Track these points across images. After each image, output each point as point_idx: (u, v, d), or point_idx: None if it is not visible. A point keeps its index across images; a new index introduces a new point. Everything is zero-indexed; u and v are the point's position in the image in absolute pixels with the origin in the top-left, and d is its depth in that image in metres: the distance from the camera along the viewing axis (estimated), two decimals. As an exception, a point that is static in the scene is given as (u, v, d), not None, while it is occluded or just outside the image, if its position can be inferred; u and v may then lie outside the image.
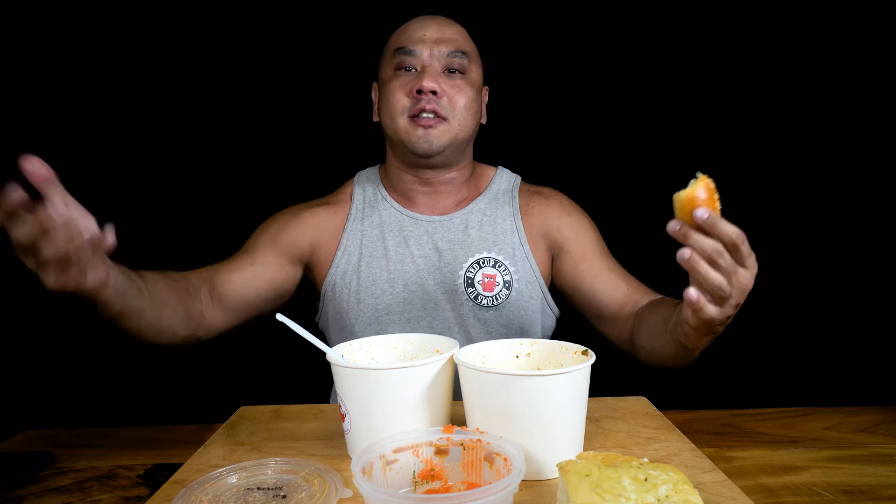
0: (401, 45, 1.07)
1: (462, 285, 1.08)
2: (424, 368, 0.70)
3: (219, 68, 1.59)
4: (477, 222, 1.12)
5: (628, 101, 1.62)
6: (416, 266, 1.09)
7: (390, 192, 1.16)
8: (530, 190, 1.18)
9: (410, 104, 1.05)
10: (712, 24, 1.58)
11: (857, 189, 1.59)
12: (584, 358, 0.72)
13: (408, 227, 1.12)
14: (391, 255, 1.10)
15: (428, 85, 1.03)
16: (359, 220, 1.14)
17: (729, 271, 0.67)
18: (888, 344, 1.56)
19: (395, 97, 1.06)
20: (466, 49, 1.09)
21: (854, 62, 1.55)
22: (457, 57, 1.07)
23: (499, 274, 1.08)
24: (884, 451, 0.83)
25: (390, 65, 1.09)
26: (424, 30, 1.08)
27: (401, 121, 1.06)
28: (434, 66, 1.06)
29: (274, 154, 1.63)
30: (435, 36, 1.07)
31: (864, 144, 1.58)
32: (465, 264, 1.08)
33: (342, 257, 1.11)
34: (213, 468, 0.69)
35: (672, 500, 0.50)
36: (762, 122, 1.61)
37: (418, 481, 0.62)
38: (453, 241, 1.10)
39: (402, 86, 1.06)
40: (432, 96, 1.03)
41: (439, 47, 1.06)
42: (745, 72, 1.59)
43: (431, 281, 1.08)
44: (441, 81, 1.05)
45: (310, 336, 0.76)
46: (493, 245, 1.10)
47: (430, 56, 1.06)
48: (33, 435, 0.95)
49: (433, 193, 1.14)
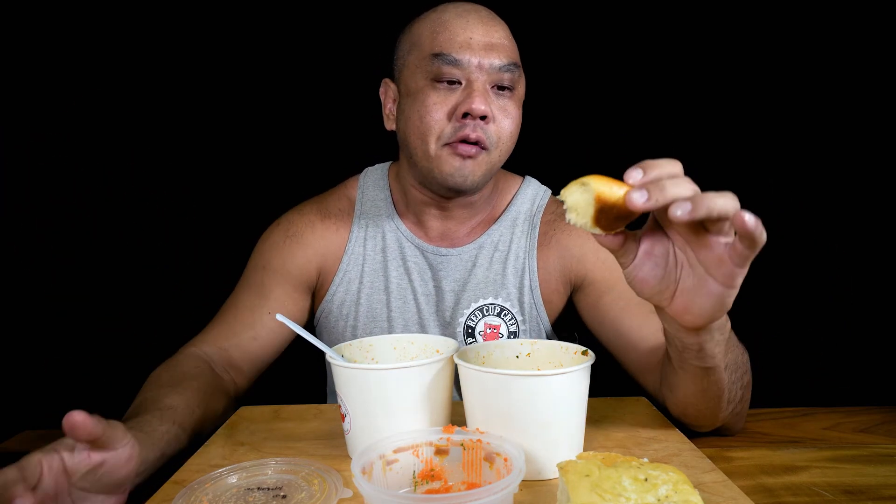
0: (441, 49, 0.88)
1: (461, 335, 0.98)
2: (424, 368, 0.70)
3: (222, 65, 1.58)
4: (487, 259, 1.00)
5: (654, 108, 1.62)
6: (418, 304, 1.00)
7: (398, 207, 1.04)
8: (556, 212, 1.03)
9: (451, 130, 0.87)
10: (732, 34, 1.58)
11: (858, 189, 1.59)
12: (584, 358, 0.72)
13: (411, 258, 1.01)
14: (392, 290, 1.01)
15: (479, 108, 0.85)
16: (360, 241, 1.02)
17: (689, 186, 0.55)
18: (888, 344, 1.56)
19: (431, 117, 0.88)
20: (517, 59, 0.91)
21: (854, 62, 1.55)
22: (508, 71, 0.89)
23: (504, 324, 0.98)
24: (884, 451, 0.82)
25: (423, 71, 0.89)
26: (469, 30, 0.88)
27: (434, 148, 0.89)
28: (482, 81, 0.87)
29: (275, 150, 1.63)
30: (483, 40, 0.88)
31: (864, 144, 1.58)
32: (468, 311, 0.98)
33: (340, 284, 1.02)
34: (213, 468, 0.68)
35: (672, 500, 0.50)
36: (762, 123, 1.60)
37: (418, 481, 0.62)
38: (457, 280, 1.00)
39: (441, 102, 0.88)
40: (480, 122, 0.87)
41: (490, 58, 0.87)
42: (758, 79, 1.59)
43: (432, 323, 1.00)
44: (490, 102, 0.87)
45: (310, 336, 0.76)
46: (501, 289, 0.99)
47: (479, 68, 0.87)
48: (33, 435, 0.95)
49: (446, 218, 1.01)
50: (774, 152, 1.60)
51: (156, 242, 1.58)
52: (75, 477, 0.57)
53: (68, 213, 1.55)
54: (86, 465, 0.57)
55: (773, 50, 1.57)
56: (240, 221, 1.53)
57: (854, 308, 1.60)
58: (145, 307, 1.58)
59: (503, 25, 0.94)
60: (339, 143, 1.57)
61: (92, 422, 0.55)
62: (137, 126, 1.58)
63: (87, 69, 1.54)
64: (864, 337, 1.59)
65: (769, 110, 1.60)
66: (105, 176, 1.56)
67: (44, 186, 1.55)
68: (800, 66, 1.57)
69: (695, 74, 1.59)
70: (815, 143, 1.59)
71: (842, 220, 1.59)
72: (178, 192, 1.59)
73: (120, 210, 1.57)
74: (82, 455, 0.57)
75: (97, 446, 0.58)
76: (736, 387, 0.76)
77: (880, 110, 1.55)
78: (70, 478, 0.57)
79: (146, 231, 1.58)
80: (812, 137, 1.59)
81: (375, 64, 1.07)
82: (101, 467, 0.58)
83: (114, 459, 0.59)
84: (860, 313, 1.60)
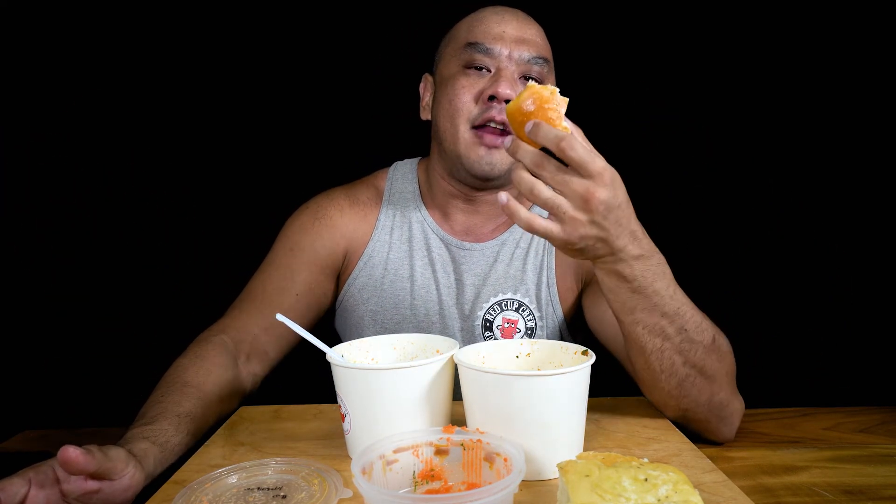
0: (475, 39, 0.94)
1: (479, 328, 1.00)
2: (424, 368, 0.70)
3: (238, 62, 1.56)
4: (508, 255, 1.03)
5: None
6: (440, 295, 1.02)
7: (426, 200, 1.07)
8: None
9: (478, 111, 0.92)
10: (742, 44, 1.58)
11: (858, 189, 1.59)
12: (584, 358, 0.72)
13: (435, 250, 1.04)
14: (417, 279, 1.03)
15: (504, 92, 0.89)
16: (387, 230, 1.05)
17: (558, 181, 0.61)
18: (888, 344, 1.55)
19: (460, 99, 0.93)
20: (547, 55, 0.96)
21: (854, 62, 1.55)
22: (537, 64, 0.94)
23: (521, 319, 1.00)
24: (884, 451, 0.82)
25: (457, 59, 0.96)
26: (503, 24, 0.94)
27: (462, 130, 0.93)
28: (511, 70, 0.93)
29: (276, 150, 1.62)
30: (515, 34, 0.94)
31: (864, 144, 1.58)
32: (486, 305, 1.00)
33: (364, 269, 1.04)
34: (213, 468, 0.68)
35: (672, 501, 0.50)
36: (763, 123, 1.60)
37: (418, 481, 0.62)
38: (478, 275, 1.02)
39: (470, 86, 0.93)
40: (505, 105, 0.92)
41: (520, 49, 0.93)
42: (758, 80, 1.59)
43: (452, 314, 1.02)
44: (516, 89, 0.92)
45: (310, 336, 0.76)
46: (521, 284, 1.01)
47: (509, 58, 0.92)
48: (33, 435, 0.95)
49: (472, 213, 1.04)
50: (774, 152, 1.60)
51: (157, 242, 1.58)
52: (69, 497, 0.57)
53: (68, 213, 1.55)
54: (81, 489, 0.57)
55: (774, 50, 1.57)
56: (243, 222, 1.53)
57: (854, 308, 1.60)
58: (146, 307, 1.58)
59: (538, 27, 0.99)
60: (360, 143, 1.54)
61: (85, 459, 0.55)
62: (137, 125, 1.57)
63: (88, 69, 1.53)
64: (864, 337, 1.59)
65: (769, 111, 1.60)
66: (105, 176, 1.55)
67: (44, 186, 1.54)
68: (800, 66, 1.57)
69: (695, 75, 1.59)
70: (815, 143, 1.59)
71: (842, 220, 1.59)
72: (179, 191, 1.59)
73: (120, 210, 1.57)
74: (78, 481, 0.57)
75: (94, 477, 0.58)
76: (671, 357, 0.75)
77: (880, 110, 1.55)
78: (64, 497, 0.57)
79: (147, 230, 1.58)
80: (812, 137, 1.59)
81: (407, 59, 1.09)
82: (97, 494, 0.58)
83: (110, 489, 0.59)
84: (860, 313, 1.60)
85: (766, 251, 1.60)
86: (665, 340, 0.75)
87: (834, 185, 1.59)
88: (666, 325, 0.74)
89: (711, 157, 1.59)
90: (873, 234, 1.58)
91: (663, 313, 0.73)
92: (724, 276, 1.56)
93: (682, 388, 0.78)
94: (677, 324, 0.74)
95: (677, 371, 0.77)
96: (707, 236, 1.56)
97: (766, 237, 1.60)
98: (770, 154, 1.61)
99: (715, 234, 1.57)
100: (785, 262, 1.58)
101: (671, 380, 0.77)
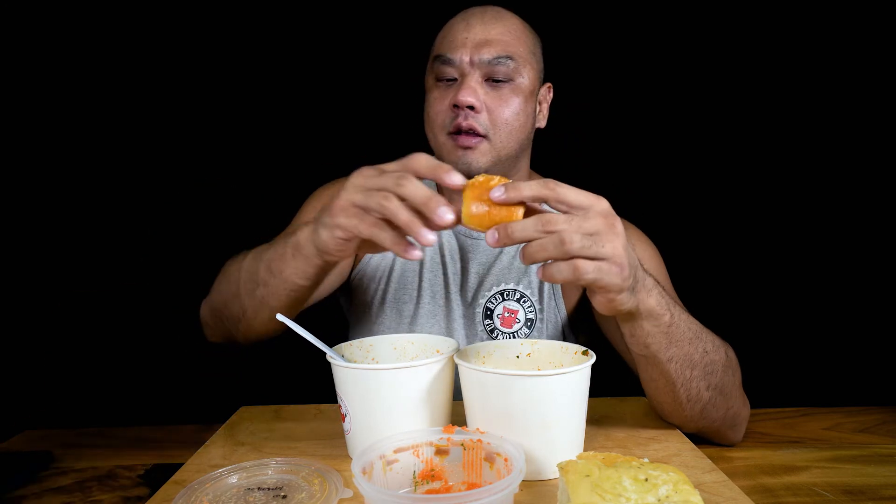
0: (440, 51, 0.97)
1: (480, 314, 1.02)
2: (424, 368, 0.70)
3: (244, 60, 1.56)
4: (514, 247, 1.03)
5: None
6: (447, 281, 1.05)
7: (439, 188, 1.05)
8: None
9: (449, 120, 0.95)
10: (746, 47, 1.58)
11: (858, 189, 1.59)
12: (584, 358, 0.72)
13: (444, 235, 1.07)
14: (427, 263, 1.06)
15: (463, 99, 0.91)
16: None
17: (574, 227, 0.59)
18: (888, 344, 1.56)
19: (433, 110, 0.97)
20: (513, 51, 0.95)
21: (854, 62, 1.55)
22: (500, 64, 0.94)
23: (522, 310, 1.01)
24: (884, 451, 0.82)
25: (431, 73, 0.99)
26: (467, 31, 0.96)
27: (441, 138, 0.97)
28: (473, 77, 0.94)
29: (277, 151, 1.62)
30: (478, 38, 0.94)
31: (863, 144, 1.58)
32: (488, 293, 1.02)
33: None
34: (213, 468, 0.68)
35: (672, 501, 0.50)
36: (763, 123, 1.60)
37: (418, 481, 0.62)
38: (483, 265, 1.05)
39: (441, 98, 0.96)
40: (470, 111, 0.92)
41: (480, 53, 0.93)
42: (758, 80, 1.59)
43: (456, 300, 1.04)
44: (482, 93, 0.93)
45: (310, 336, 0.76)
46: (524, 276, 1.03)
47: (470, 64, 0.94)
48: (33, 435, 0.95)
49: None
50: (774, 152, 1.60)
51: (158, 242, 1.58)
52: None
53: (68, 212, 1.55)
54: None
55: (774, 51, 1.57)
56: (245, 222, 1.53)
57: (854, 308, 1.60)
58: (146, 307, 1.58)
59: (507, 22, 0.97)
60: (362, 143, 1.54)
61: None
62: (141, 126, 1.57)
63: (88, 69, 1.53)
64: (864, 337, 1.59)
65: (769, 111, 1.60)
66: (107, 175, 1.55)
67: (44, 186, 1.54)
68: (800, 66, 1.57)
69: (695, 75, 1.59)
70: (815, 144, 1.59)
71: (842, 220, 1.59)
72: (182, 191, 1.59)
73: (120, 209, 1.57)
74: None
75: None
76: (697, 385, 0.75)
77: (880, 110, 1.55)
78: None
79: (147, 231, 1.58)
80: (811, 137, 1.59)
81: (411, 57, 1.11)
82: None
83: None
84: (860, 313, 1.60)
85: (766, 252, 1.60)
86: (693, 369, 0.75)
87: (834, 185, 1.59)
88: (692, 352, 0.74)
89: (711, 158, 1.59)
90: (873, 235, 1.58)
91: (690, 339, 0.73)
92: (724, 277, 1.57)
93: (704, 412, 0.78)
94: (700, 347, 0.74)
95: (702, 397, 0.77)
96: (707, 237, 1.56)
97: (766, 238, 1.60)
98: (770, 155, 1.61)
99: (715, 235, 1.57)
100: (785, 262, 1.58)
101: (696, 406, 0.77)
